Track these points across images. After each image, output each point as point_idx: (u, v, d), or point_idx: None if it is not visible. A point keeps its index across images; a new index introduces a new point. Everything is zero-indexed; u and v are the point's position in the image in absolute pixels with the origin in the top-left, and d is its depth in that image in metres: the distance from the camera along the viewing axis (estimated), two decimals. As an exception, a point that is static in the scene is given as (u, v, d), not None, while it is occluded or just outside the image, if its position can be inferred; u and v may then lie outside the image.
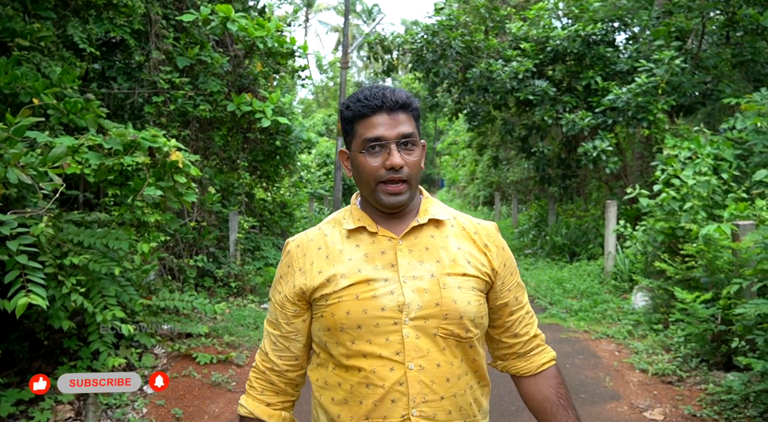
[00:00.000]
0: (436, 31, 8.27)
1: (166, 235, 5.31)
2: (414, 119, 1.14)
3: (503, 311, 1.21)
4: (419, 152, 1.13)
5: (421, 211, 1.18)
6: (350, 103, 1.13)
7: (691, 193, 4.84)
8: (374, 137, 1.09)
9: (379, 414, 1.09)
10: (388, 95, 1.10)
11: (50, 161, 3.21)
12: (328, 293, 1.12)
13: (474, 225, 1.21)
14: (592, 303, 5.78)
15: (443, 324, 1.10)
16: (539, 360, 1.24)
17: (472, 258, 1.16)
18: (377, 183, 1.11)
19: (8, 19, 4.48)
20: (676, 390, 3.68)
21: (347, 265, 1.13)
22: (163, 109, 6.05)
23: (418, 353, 1.09)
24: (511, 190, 13.68)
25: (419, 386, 1.08)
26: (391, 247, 1.14)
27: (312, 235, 1.21)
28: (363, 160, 1.11)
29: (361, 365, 1.10)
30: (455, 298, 1.11)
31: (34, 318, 3.74)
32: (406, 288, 1.10)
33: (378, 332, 1.09)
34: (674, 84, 7.13)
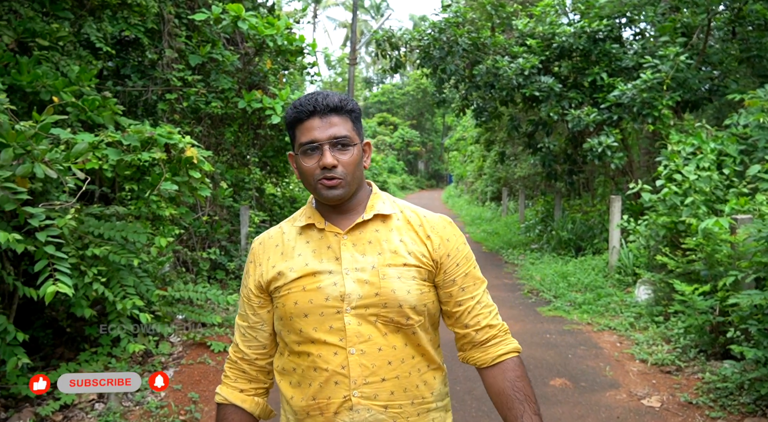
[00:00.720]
0: (443, 29, 8.37)
1: (180, 228, 5.49)
2: (351, 121, 1.20)
3: (449, 302, 1.24)
4: (355, 152, 1.19)
5: (368, 207, 1.24)
6: (289, 110, 1.22)
7: (693, 188, 4.93)
8: (308, 141, 1.17)
9: (323, 395, 1.16)
10: (320, 100, 1.17)
11: (73, 157, 3.37)
12: (280, 286, 1.21)
13: (420, 218, 1.26)
14: (595, 296, 5.89)
15: (383, 312, 1.17)
16: (496, 351, 1.24)
17: (413, 249, 1.21)
18: (316, 181, 1.18)
19: (29, 20, 4.64)
20: (674, 379, 3.79)
21: (297, 260, 1.22)
22: (176, 106, 6.21)
23: (360, 338, 1.16)
24: (519, 185, 13.75)
25: (360, 369, 1.15)
26: (336, 242, 1.21)
27: (273, 233, 1.30)
28: (301, 162, 1.20)
29: (309, 350, 1.18)
30: (394, 287, 1.17)
31: (57, 307, 3.92)
32: (348, 279, 1.17)
33: (323, 320, 1.17)
34: (680, 80, 7.19)
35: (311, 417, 1.18)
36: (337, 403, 1.15)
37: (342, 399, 1.15)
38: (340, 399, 1.15)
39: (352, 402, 1.15)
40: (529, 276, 7.28)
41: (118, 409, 3.21)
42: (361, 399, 1.15)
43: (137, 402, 3.40)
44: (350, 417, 1.15)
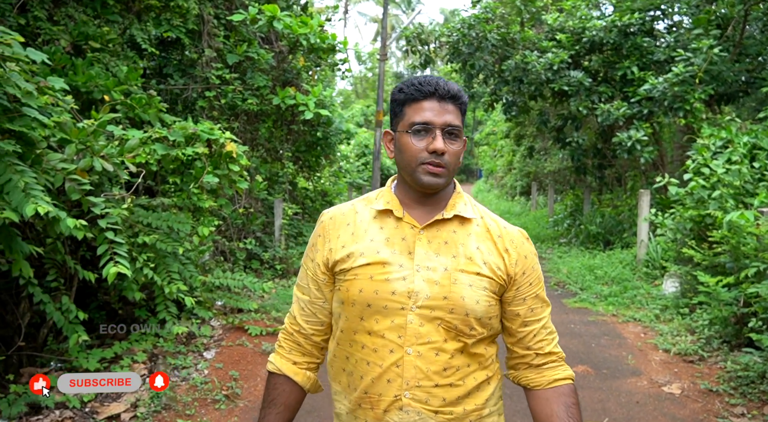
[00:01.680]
0: (472, 25, 8.45)
1: (219, 219, 5.79)
2: (461, 113, 1.18)
3: (515, 320, 1.20)
4: (461, 145, 1.17)
5: (449, 205, 1.20)
6: (404, 87, 1.17)
7: (722, 181, 4.93)
8: (422, 121, 1.14)
9: (375, 391, 1.14)
10: (441, 84, 1.15)
11: (126, 152, 3.67)
12: (347, 269, 1.17)
13: (500, 228, 1.21)
14: (622, 289, 5.94)
15: (448, 317, 1.13)
16: (553, 374, 1.20)
17: (489, 259, 1.17)
18: (419, 164, 1.14)
19: (82, 24, 4.98)
20: (696, 368, 3.87)
21: (368, 244, 1.17)
22: (214, 103, 6.52)
23: (419, 339, 1.12)
24: (548, 180, 13.70)
25: (414, 370, 1.12)
26: (412, 235, 1.17)
27: (345, 210, 1.26)
28: (408, 141, 1.15)
29: (365, 342, 1.15)
30: (464, 295, 1.13)
31: (110, 291, 4.24)
32: (418, 277, 1.13)
33: (385, 313, 1.13)
34: (713, 73, 7.11)
35: (362, 410, 1.17)
36: (388, 401, 1.14)
37: (393, 398, 1.13)
38: (390, 398, 1.13)
39: (402, 403, 1.13)
40: (557, 269, 7.35)
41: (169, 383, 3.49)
42: (412, 401, 1.13)
43: (183, 377, 3.69)
44: (399, 416, 1.13)
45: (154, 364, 3.80)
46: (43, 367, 3.55)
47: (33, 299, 3.26)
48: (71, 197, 2.91)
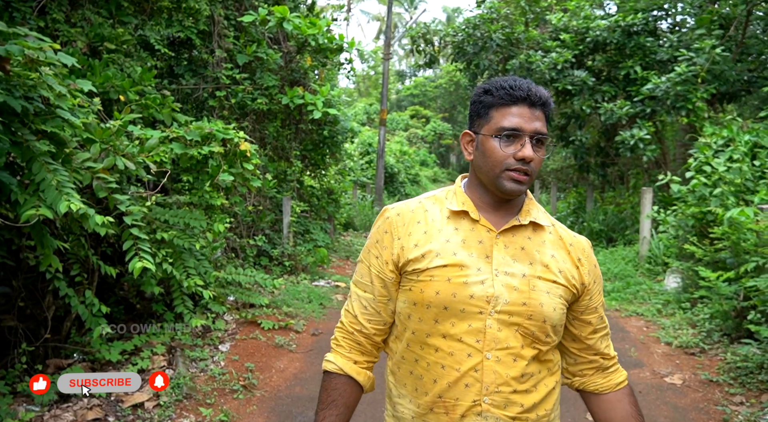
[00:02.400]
0: (477, 25, 8.57)
1: (230, 217, 5.92)
2: (546, 120, 1.16)
3: (586, 328, 1.22)
4: (544, 152, 1.16)
5: (524, 211, 1.19)
6: (492, 89, 1.14)
7: (723, 179, 5.05)
8: (512, 127, 1.11)
9: (451, 395, 1.12)
10: (533, 90, 1.13)
11: (146, 151, 3.79)
12: (421, 269, 1.14)
13: (571, 237, 1.23)
14: (624, 285, 6.06)
15: (526, 323, 1.12)
16: (617, 377, 1.24)
17: (564, 268, 1.17)
18: (504, 170, 1.12)
19: (98, 26, 5.10)
20: (697, 360, 3.99)
21: (444, 245, 1.15)
22: (225, 102, 6.64)
23: (498, 344, 1.11)
24: (551, 178, 13.81)
25: (494, 375, 1.11)
26: (489, 238, 1.15)
27: (413, 207, 1.22)
28: (495, 146, 1.13)
29: (439, 345, 1.13)
30: (542, 302, 1.13)
31: (130, 286, 4.38)
32: (497, 282, 1.12)
33: (463, 317, 1.11)
34: (716, 72, 7.21)
35: (434, 414, 1.14)
36: (466, 406, 1.12)
37: (471, 403, 1.11)
38: (469, 403, 1.11)
39: (481, 408, 1.11)
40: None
41: (187, 374, 3.63)
42: (491, 407, 1.11)
43: (201, 369, 3.82)
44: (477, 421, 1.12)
45: (173, 356, 3.94)
46: (68, 358, 3.68)
47: (58, 294, 3.40)
48: (98, 194, 3.04)
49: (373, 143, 17.28)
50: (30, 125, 2.65)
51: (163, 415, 3.08)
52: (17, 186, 2.56)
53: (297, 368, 4.02)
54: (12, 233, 3.18)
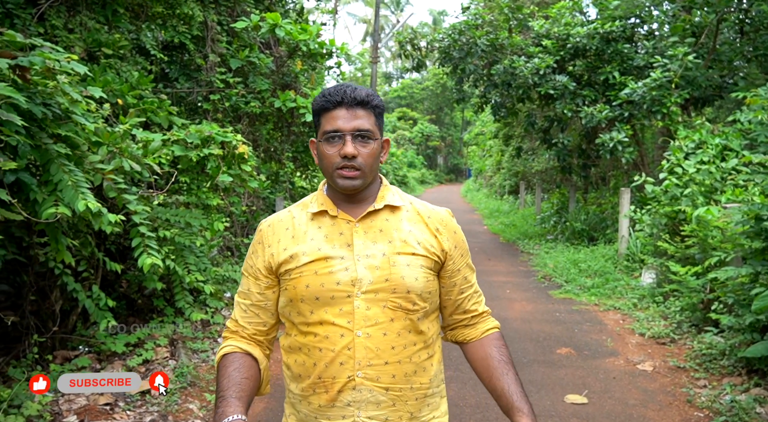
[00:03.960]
0: (463, 31, 8.85)
1: (226, 216, 6.12)
2: (374, 116, 1.25)
3: (453, 290, 1.32)
4: (375, 146, 1.24)
5: (379, 197, 1.29)
6: (317, 99, 1.26)
7: (693, 180, 5.37)
8: (332, 129, 1.22)
9: (329, 374, 1.21)
10: (348, 92, 1.23)
11: (150, 153, 3.99)
12: (291, 269, 1.24)
13: (428, 210, 1.33)
14: (603, 281, 6.37)
15: (392, 298, 1.21)
16: (484, 326, 1.35)
17: (422, 239, 1.27)
18: (335, 169, 1.22)
19: (95, 32, 5.28)
20: (667, 349, 4.29)
21: (309, 244, 1.25)
22: (218, 105, 6.83)
23: (367, 322, 1.20)
24: (536, 179, 14.17)
25: (365, 351, 1.20)
26: (348, 229, 1.26)
27: (282, 216, 1.33)
28: (323, 148, 1.24)
29: (317, 331, 1.22)
30: (403, 274, 1.22)
31: (131, 282, 4.56)
32: (360, 265, 1.21)
33: (333, 303, 1.21)
34: (689, 78, 7.57)
35: (316, 395, 1.23)
36: (342, 382, 1.20)
37: (346, 379, 1.20)
38: (344, 379, 1.20)
39: (355, 382, 1.20)
40: (543, 264, 7.77)
41: (189, 364, 3.83)
42: (365, 380, 1.20)
43: (203, 359, 4.02)
44: (352, 396, 1.20)
45: (175, 348, 4.13)
46: (74, 350, 3.86)
47: (65, 289, 3.58)
48: (109, 194, 3.24)
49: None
50: (47, 130, 2.84)
51: (170, 401, 3.28)
52: (36, 186, 2.75)
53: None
54: (22, 230, 3.36)
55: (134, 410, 3.17)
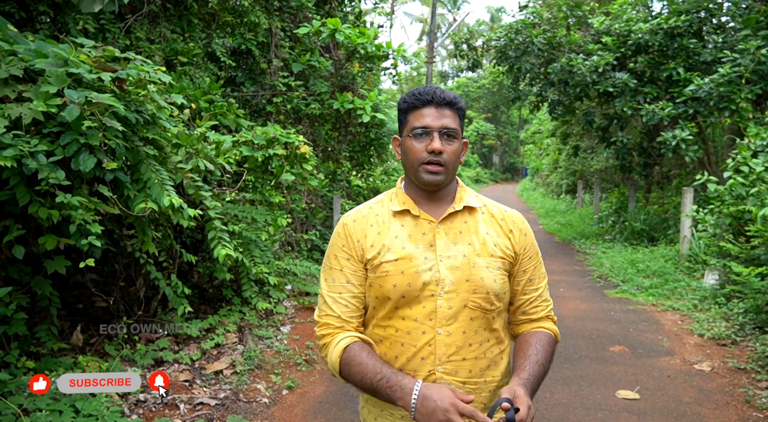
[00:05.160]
0: (519, 30, 8.83)
1: (287, 213, 6.47)
2: (458, 117, 1.32)
3: (517, 289, 1.38)
4: (458, 145, 1.31)
5: (457, 198, 1.35)
6: (406, 98, 1.32)
7: (761, 179, 5.18)
8: (421, 126, 1.28)
9: (410, 368, 1.28)
10: (438, 93, 1.30)
11: (222, 154, 4.33)
12: (377, 265, 1.30)
13: (502, 212, 1.39)
14: (662, 281, 6.23)
15: (472, 298, 1.28)
16: (539, 325, 1.40)
17: (498, 241, 1.33)
18: (420, 164, 1.29)
19: (173, 41, 5.73)
20: (727, 350, 4.20)
21: (393, 241, 1.31)
22: (281, 108, 7.20)
23: (448, 321, 1.27)
24: (594, 178, 13.83)
25: (445, 348, 1.27)
26: (430, 229, 1.31)
27: (364, 212, 1.38)
28: (410, 144, 1.30)
29: (398, 325, 1.29)
30: (483, 276, 1.28)
31: (203, 272, 4.95)
32: (442, 266, 1.28)
33: (418, 301, 1.28)
34: (761, 73, 7.22)
35: None
36: (423, 376, 1.27)
37: (427, 373, 1.27)
38: (425, 373, 1.27)
39: (435, 376, 1.27)
40: (600, 263, 7.65)
41: (256, 349, 4.14)
42: (444, 375, 1.27)
43: (267, 345, 4.33)
44: None
45: (242, 334, 4.46)
46: (155, 333, 4.26)
47: (149, 276, 3.96)
48: (188, 191, 3.58)
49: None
50: (138, 134, 3.20)
51: (240, 380, 3.58)
52: (129, 184, 3.11)
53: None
54: (113, 224, 3.76)
55: (209, 387, 3.50)
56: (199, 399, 3.28)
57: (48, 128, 2.71)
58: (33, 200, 2.67)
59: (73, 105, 2.61)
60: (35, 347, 3.33)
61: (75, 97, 2.63)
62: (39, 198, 2.69)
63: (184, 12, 5.94)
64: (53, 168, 2.61)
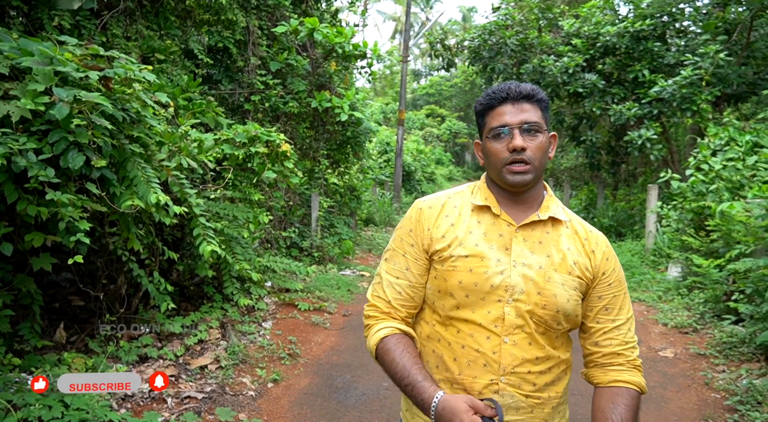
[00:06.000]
0: (493, 31, 9.05)
1: (266, 210, 6.51)
2: (540, 110, 1.22)
3: (588, 315, 1.26)
4: (543, 139, 1.20)
5: (543, 207, 1.25)
6: (481, 99, 1.25)
7: (720, 176, 5.49)
8: (499, 124, 1.20)
9: (470, 373, 1.20)
10: (513, 88, 1.21)
11: (204, 152, 4.37)
12: (446, 258, 1.23)
13: (586, 231, 1.28)
14: (629, 275, 6.51)
15: (540, 312, 1.19)
16: (616, 375, 1.24)
17: (578, 260, 1.23)
18: (503, 165, 1.20)
19: (149, 39, 5.71)
20: (689, 338, 4.46)
21: (467, 236, 1.23)
22: (259, 106, 7.23)
23: (514, 329, 1.19)
24: (565, 176, 14.21)
25: (510, 357, 1.19)
26: (508, 232, 1.23)
27: (442, 200, 1.31)
28: (490, 145, 1.22)
29: (461, 327, 1.22)
30: (556, 293, 1.19)
31: (183, 270, 4.97)
32: (515, 272, 1.19)
33: (483, 304, 1.19)
34: (720, 76, 7.61)
35: (453, 390, 1.22)
36: (483, 384, 1.19)
37: (488, 382, 1.19)
38: (486, 381, 1.19)
39: (498, 387, 1.19)
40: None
41: (239, 344, 4.20)
42: (507, 386, 1.19)
43: (251, 341, 4.40)
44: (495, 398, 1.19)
45: (225, 330, 4.52)
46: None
47: (131, 274, 3.99)
48: (173, 189, 3.62)
49: (390, 142, 17.80)
50: (124, 131, 3.23)
51: (226, 374, 3.65)
52: (116, 181, 3.14)
53: (333, 342, 4.57)
54: (94, 222, 3.78)
55: (195, 381, 3.55)
56: (186, 393, 3.34)
57: (36, 125, 2.73)
58: (21, 198, 2.69)
59: (63, 103, 2.64)
60: (18, 344, 3.33)
61: (64, 95, 2.66)
62: (27, 195, 2.71)
63: (160, 9, 5.91)
64: (42, 166, 2.64)
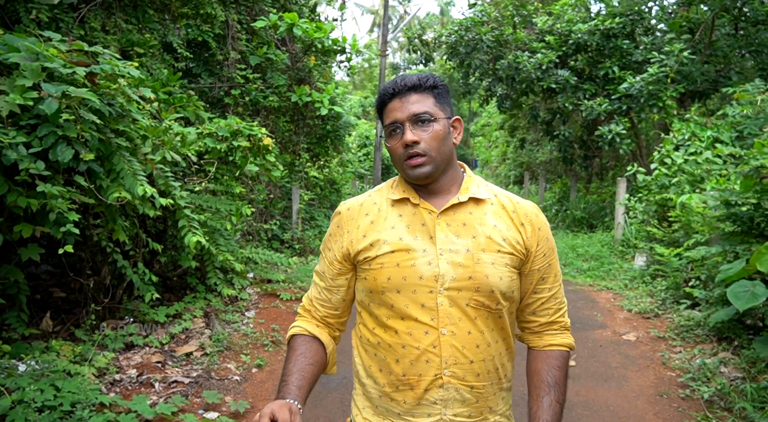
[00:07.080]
0: (469, 27, 9.24)
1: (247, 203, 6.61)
2: (433, 97, 1.19)
3: (527, 288, 1.24)
4: (438, 127, 1.17)
5: (462, 189, 1.23)
6: (376, 99, 1.24)
7: (681, 170, 5.79)
8: (390, 122, 1.19)
9: (414, 372, 1.18)
10: (399, 82, 1.19)
11: (187, 145, 4.47)
12: (371, 257, 1.20)
13: (513, 204, 1.25)
14: (599, 264, 6.81)
15: (475, 296, 1.16)
16: (550, 339, 1.26)
17: (507, 235, 1.20)
18: (402, 161, 1.19)
19: (128, 32, 5.74)
20: (650, 322, 4.74)
21: (390, 232, 1.20)
22: (239, 100, 7.29)
23: (451, 320, 1.16)
24: (540, 170, 14.56)
25: (451, 349, 1.16)
26: (430, 220, 1.20)
27: (361, 200, 1.29)
28: (387, 143, 1.21)
29: (398, 327, 1.18)
30: (488, 273, 1.16)
31: (166, 261, 5.06)
32: (442, 260, 1.16)
33: (415, 298, 1.17)
34: (684, 73, 7.94)
35: (400, 392, 1.20)
36: (428, 380, 1.17)
37: (433, 377, 1.17)
38: (431, 377, 1.17)
39: (443, 381, 1.17)
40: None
41: (224, 332, 4.33)
42: (451, 378, 1.17)
43: (234, 329, 4.53)
44: (440, 394, 1.18)
45: (209, 319, 4.64)
46: (122, 320, 4.37)
47: (115, 266, 4.08)
48: (158, 182, 3.72)
49: (370, 135, 17.94)
50: (110, 126, 3.32)
51: (211, 361, 3.78)
52: (103, 174, 3.23)
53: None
54: (79, 213, 3.85)
55: (181, 367, 3.68)
56: (173, 378, 3.46)
57: (24, 120, 2.81)
58: (11, 190, 2.78)
59: (52, 99, 2.73)
60: (6, 333, 3.41)
61: (53, 91, 2.75)
62: (17, 187, 2.80)
63: (138, 2, 5.94)
64: (32, 159, 2.73)
